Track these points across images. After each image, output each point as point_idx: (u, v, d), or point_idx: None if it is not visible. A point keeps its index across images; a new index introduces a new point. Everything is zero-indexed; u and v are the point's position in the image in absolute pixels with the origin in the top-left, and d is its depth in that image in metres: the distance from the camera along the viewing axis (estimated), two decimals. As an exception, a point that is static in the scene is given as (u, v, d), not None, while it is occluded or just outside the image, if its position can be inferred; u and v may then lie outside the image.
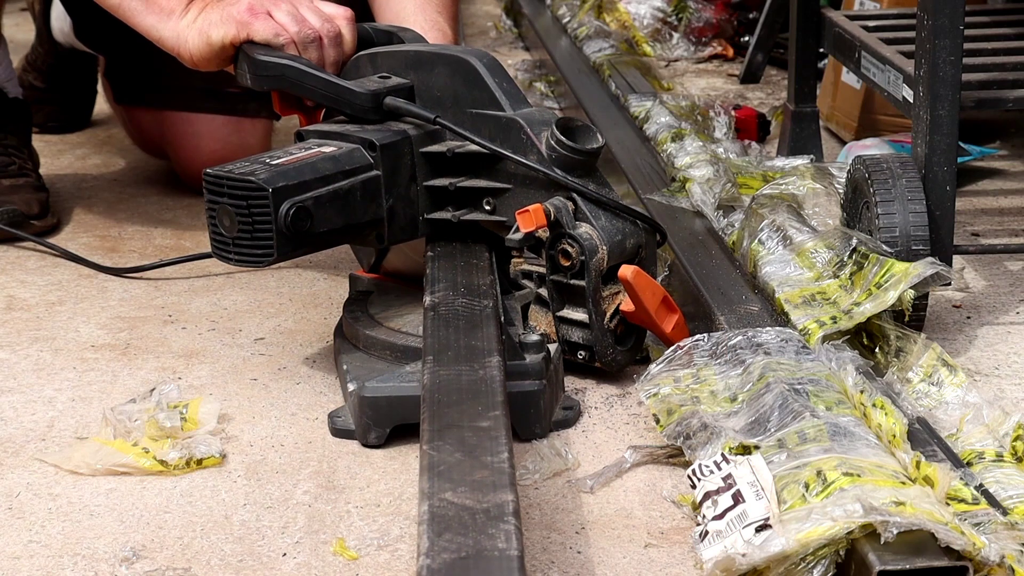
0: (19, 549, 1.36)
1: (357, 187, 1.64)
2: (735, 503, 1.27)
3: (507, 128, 1.67)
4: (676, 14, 3.38)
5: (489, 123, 1.69)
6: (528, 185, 1.67)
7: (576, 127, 1.67)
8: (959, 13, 1.67)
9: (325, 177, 1.62)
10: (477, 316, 1.54)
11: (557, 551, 1.33)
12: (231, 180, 1.60)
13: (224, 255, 1.63)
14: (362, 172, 1.65)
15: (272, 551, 1.35)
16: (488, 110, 1.69)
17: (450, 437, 1.26)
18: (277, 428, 1.59)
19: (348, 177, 1.64)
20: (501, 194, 1.69)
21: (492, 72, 1.71)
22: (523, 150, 1.66)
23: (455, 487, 1.16)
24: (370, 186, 1.65)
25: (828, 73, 2.72)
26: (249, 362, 1.77)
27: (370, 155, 1.66)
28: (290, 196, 1.59)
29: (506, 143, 1.67)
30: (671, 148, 2.24)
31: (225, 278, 2.04)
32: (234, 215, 1.59)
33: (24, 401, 1.67)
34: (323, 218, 1.61)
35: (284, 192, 1.59)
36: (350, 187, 1.64)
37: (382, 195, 1.67)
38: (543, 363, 1.56)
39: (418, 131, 1.70)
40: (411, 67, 1.74)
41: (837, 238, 1.71)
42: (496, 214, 1.70)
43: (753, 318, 1.65)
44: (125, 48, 2.39)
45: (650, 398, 1.52)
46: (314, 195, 1.60)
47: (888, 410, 1.39)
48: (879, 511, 1.18)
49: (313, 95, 1.74)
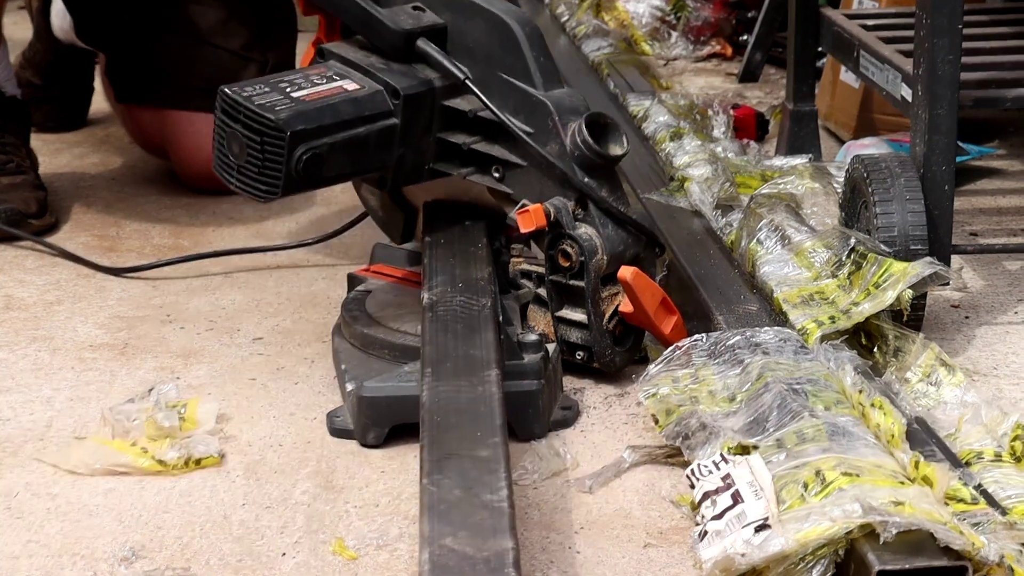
0: (18, 549, 1.36)
1: (373, 135, 1.60)
2: (734, 503, 1.27)
3: (535, 108, 1.63)
4: (675, 13, 3.38)
5: (518, 96, 1.64)
6: (543, 170, 1.64)
7: (605, 124, 1.64)
8: (957, 12, 1.67)
9: (344, 122, 1.57)
10: (475, 318, 1.53)
11: (556, 551, 1.33)
12: (249, 111, 1.55)
13: (226, 177, 1.59)
14: (381, 119, 1.61)
15: (271, 551, 1.35)
16: (520, 82, 1.64)
17: (450, 470, 1.25)
18: (276, 428, 1.59)
19: (366, 124, 1.60)
20: (513, 168, 1.66)
21: (531, 43, 1.65)
22: (546, 137, 1.63)
23: (455, 532, 1.15)
24: (385, 134, 1.61)
25: (827, 72, 2.72)
26: (247, 362, 1.77)
27: (392, 102, 1.61)
28: (307, 141, 1.54)
29: (531, 123, 1.63)
30: (670, 147, 2.24)
31: (223, 278, 2.04)
32: (245, 146, 1.55)
33: (22, 401, 1.67)
34: (334, 164, 1.58)
35: (301, 136, 1.54)
36: (366, 135, 1.59)
37: (395, 144, 1.62)
38: (541, 363, 1.56)
39: (444, 82, 1.65)
40: (448, 7, 1.68)
41: (835, 238, 1.71)
42: (503, 184, 1.67)
43: (751, 318, 1.65)
44: (126, 46, 2.40)
45: (649, 398, 1.52)
46: (330, 141, 1.56)
47: (887, 410, 1.39)
48: (878, 511, 1.18)
49: (345, 15, 1.67)
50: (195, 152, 2.34)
